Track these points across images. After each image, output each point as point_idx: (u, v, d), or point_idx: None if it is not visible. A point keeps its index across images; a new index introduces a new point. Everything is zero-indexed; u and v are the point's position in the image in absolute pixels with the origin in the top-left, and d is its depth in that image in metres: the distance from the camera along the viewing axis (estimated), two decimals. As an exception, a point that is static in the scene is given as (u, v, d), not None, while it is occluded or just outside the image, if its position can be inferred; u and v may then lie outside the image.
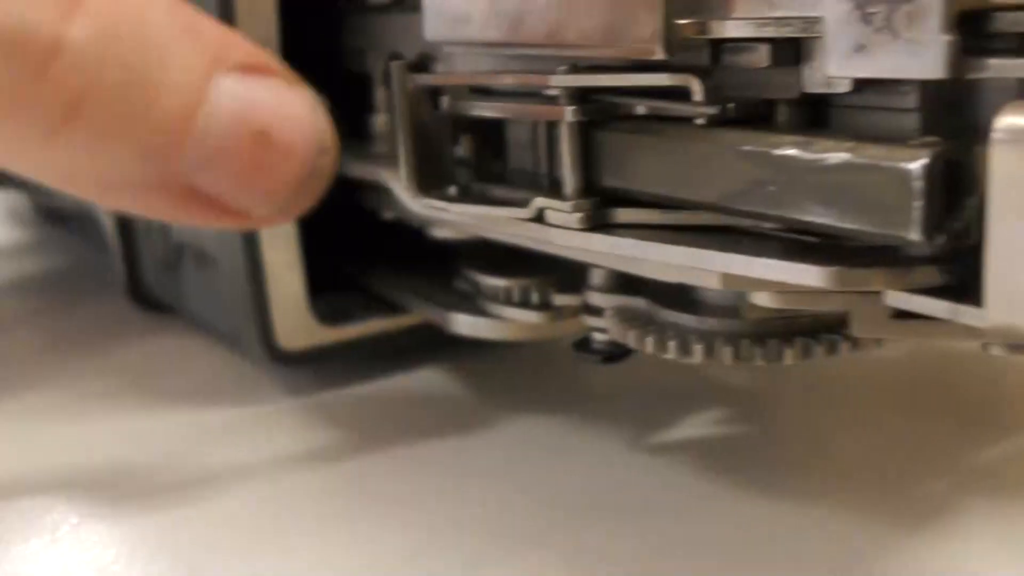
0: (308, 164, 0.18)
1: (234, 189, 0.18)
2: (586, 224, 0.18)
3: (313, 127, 0.18)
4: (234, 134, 0.17)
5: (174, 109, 0.17)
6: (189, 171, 0.18)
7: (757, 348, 0.19)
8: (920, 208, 0.13)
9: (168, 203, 0.18)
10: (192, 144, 0.17)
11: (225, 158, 0.17)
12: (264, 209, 0.18)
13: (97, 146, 0.17)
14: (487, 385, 0.29)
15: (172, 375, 0.31)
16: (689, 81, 0.16)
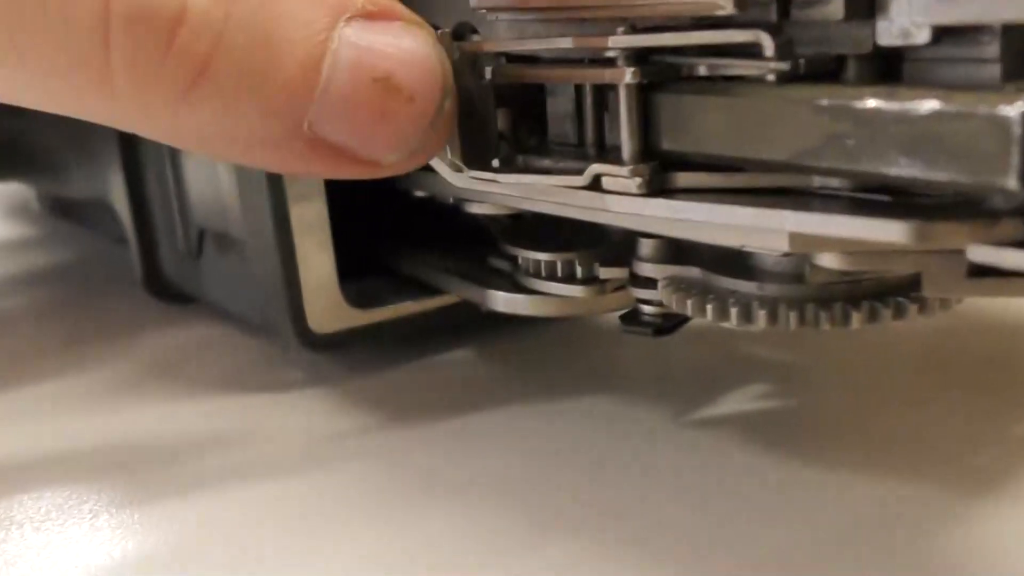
0: (434, 107, 0.18)
1: (362, 138, 0.18)
2: (646, 189, 0.18)
3: (436, 69, 0.18)
4: (358, 83, 0.17)
5: (297, 65, 0.17)
6: (316, 124, 0.17)
7: (822, 312, 0.18)
8: (1019, 155, 0.13)
9: (297, 156, 0.18)
10: (317, 97, 0.17)
11: (350, 108, 0.17)
12: (393, 156, 0.18)
13: (224, 108, 0.17)
14: (523, 365, 0.28)
15: (196, 364, 0.30)
16: (760, 37, 0.16)
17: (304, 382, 0.28)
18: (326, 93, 0.17)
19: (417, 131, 0.18)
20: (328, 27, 0.17)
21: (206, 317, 0.33)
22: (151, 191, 0.32)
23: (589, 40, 0.18)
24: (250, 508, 0.22)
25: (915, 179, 0.14)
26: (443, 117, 0.18)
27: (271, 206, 0.26)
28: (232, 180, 0.27)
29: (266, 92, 0.17)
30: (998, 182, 0.13)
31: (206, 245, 0.31)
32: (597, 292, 0.23)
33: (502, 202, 0.23)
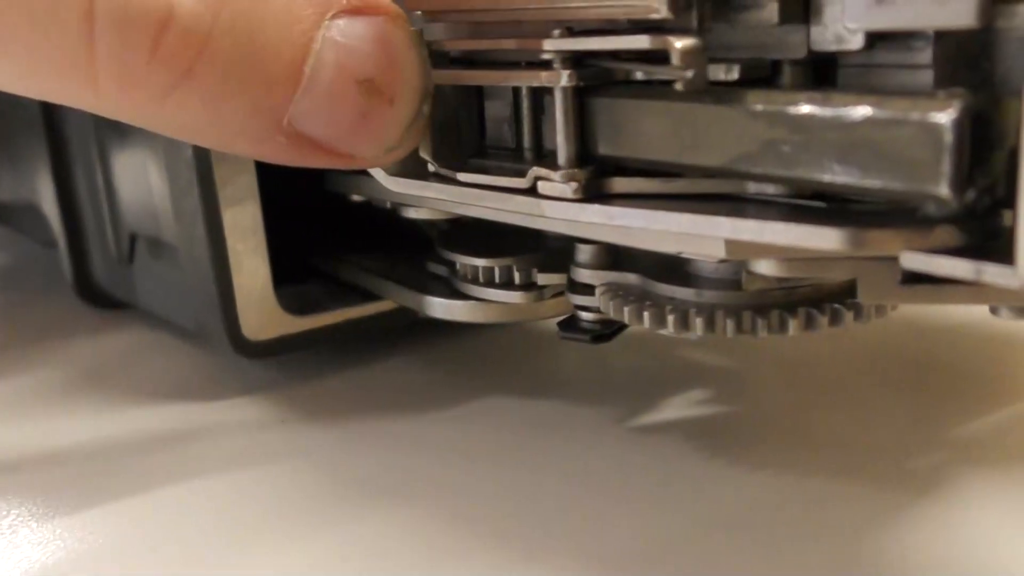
0: (412, 110, 0.18)
1: (341, 135, 0.18)
2: (582, 194, 0.18)
3: (417, 72, 0.18)
4: (340, 84, 0.18)
5: (281, 65, 0.17)
6: (296, 120, 0.18)
7: (759, 319, 0.18)
8: (950, 162, 0.13)
9: (277, 148, 0.18)
10: (300, 96, 0.17)
11: (332, 107, 0.18)
12: (370, 152, 0.19)
13: (207, 105, 0.17)
14: (462, 371, 0.28)
15: (128, 372, 0.29)
16: (667, 44, 0.16)
17: (238, 389, 0.27)
18: (308, 92, 0.18)
19: (396, 131, 0.18)
20: (313, 26, 0.17)
21: (139, 323, 0.32)
22: (81, 195, 0.31)
23: (525, 42, 0.18)
24: (180, 519, 0.21)
25: (849, 186, 0.14)
26: (422, 118, 0.19)
27: (203, 210, 0.25)
28: (164, 184, 0.26)
29: (249, 91, 0.18)
30: (930, 189, 0.13)
31: (138, 250, 0.30)
32: (535, 298, 0.22)
33: (437, 207, 0.22)
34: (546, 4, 0.17)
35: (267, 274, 0.26)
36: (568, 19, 0.17)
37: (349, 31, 0.18)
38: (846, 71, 0.16)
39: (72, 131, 0.31)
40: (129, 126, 0.27)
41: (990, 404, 0.24)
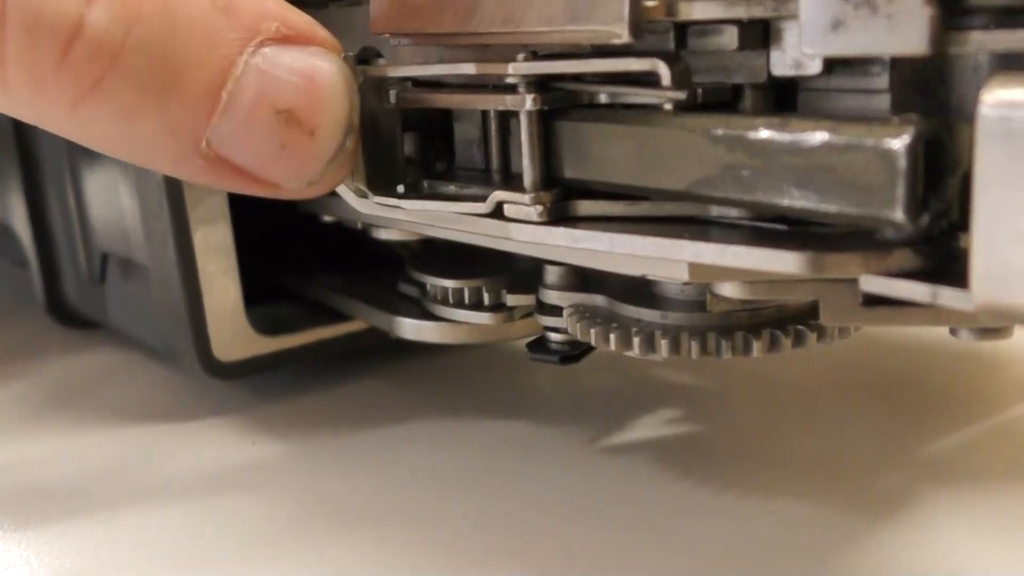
0: (335, 143, 0.18)
1: (261, 163, 0.18)
2: (547, 217, 0.18)
3: (341, 106, 0.18)
4: (259, 112, 0.17)
5: (197, 87, 0.17)
6: (215, 144, 0.18)
7: (724, 341, 0.18)
8: (904, 187, 0.13)
9: (197, 170, 0.18)
10: (217, 121, 0.17)
11: (249, 135, 0.18)
12: (292, 183, 0.18)
13: (120, 119, 0.17)
14: (434, 391, 0.28)
15: (98, 392, 0.29)
16: (656, 65, 0.16)
17: (209, 410, 0.27)
18: (225, 117, 0.17)
19: (316, 164, 0.18)
20: (235, 51, 0.17)
21: (110, 343, 0.32)
22: (53, 214, 0.31)
23: (490, 67, 0.18)
24: (149, 541, 0.21)
25: (808, 210, 0.15)
26: (344, 153, 0.18)
27: (174, 230, 0.25)
28: (135, 204, 0.26)
29: (163, 110, 0.17)
30: (886, 214, 0.13)
31: (110, 270, 0.30)
32: (505, 319, 0.23)
33: (408, 228, 0.22)
34: (510, 29, 0.17)
35: (238, 294, 0.26)
36: (532, 44, 0.18)
37: (274, 59, 0.18)
38: (806, 94, 0.16)
39: (44, 150, 0.31)
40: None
41: (957, 422, 0.24)
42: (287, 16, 0.18)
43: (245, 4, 0.18)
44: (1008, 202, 0.12)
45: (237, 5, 0.18)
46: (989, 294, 0.13)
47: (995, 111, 0.12)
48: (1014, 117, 0.12)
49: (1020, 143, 0.12)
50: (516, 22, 0.17)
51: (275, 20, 0.18)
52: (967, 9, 0.13)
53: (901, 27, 0.13)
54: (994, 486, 0.21)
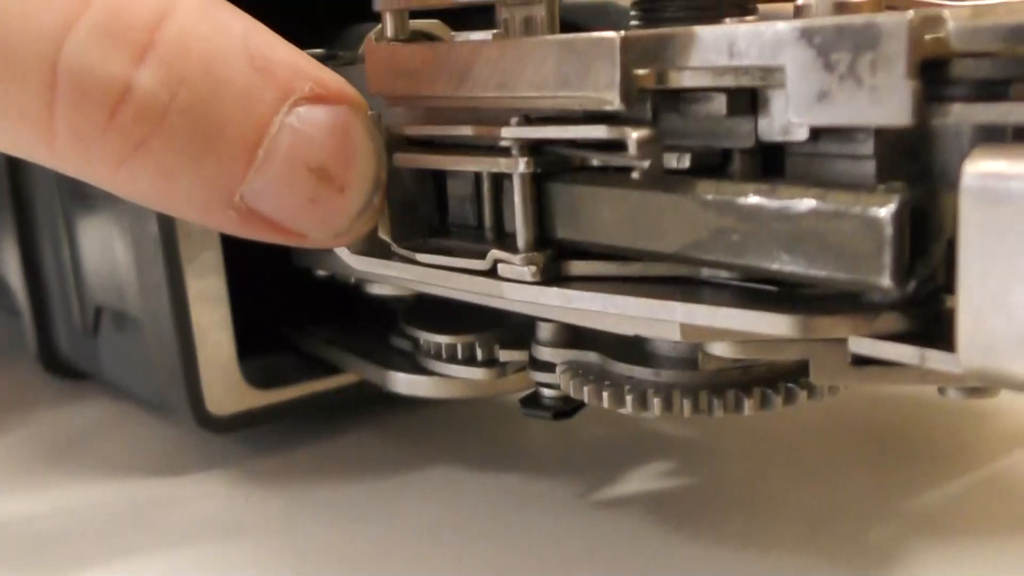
0: (362, 200, 0.19)
1: (291, 216, 0.19)
2: (540, 277, 0.18)
3: (370, 164, 0.19)
4: (292, 169, 0.18)
5: (235, 144, 0.18)
6: (247, 197, 0.18)
7: (715, 399, 0.18)
8: (891, 254, 0.13)
9: (228, 221, 0.19)
10: (252, 176, 0.18)
11: (282, 190, 0.18)
12: (320, 235, 0.19)
13: (162, 176, 0.18)
14: (428, 443, 0.28)
15: (91, 445, 0.29)
16: (625, 134, 0.16)
17: (202, 464, 0.27)
18: (260, 173, 0.18)
19: (345, 218, 0.19)
20: (272, 111, 0.18)
21: (103, 395, 0.32)
22: (47, 266, 0.31)
23: (484, 129, 0.18)
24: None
25: (796, 274, 0.15)
26: (372, 207, 0.19)
27: (168, 284, 0.25)
28: (129, 257, 0.26)
29: (201, 167, 0.18)
30: (873, 280, 0.14)
31: (103, 322, 0.30)
32: (497, 374, 0.23)
33: (400, 284, 0.23)
34: (504, 93, 0.18)
35: (232, 348, 0.26)
36: (525, 108, 0.18)
37: (308, 118, 0.18)
38: (793, 159, 0.16)
39: (38, 202, 0.31)
40: (95, 199, 0.28)
41: (946, 474, 0.25)
42: (320, 76, 0.19)
43: (281, 64, 0.18)
44: (992, 270, 0.13)
45: (273, 65, 0.18)
46: (975, 359, 0.13)
47: (977, 182, 0.13)
48: (996, 188, 0.12)
49: (1002, 214, 0.12)
50: (509, 88, 0.18)
51: (309, 80, 0.18)
52: (949, 80, 0.14)
53: (884, 99, 0.13)
54: (983, 539, 0.22)
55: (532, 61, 0.17)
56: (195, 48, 0.18)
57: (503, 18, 0.19)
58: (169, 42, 0.18)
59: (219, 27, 0.18)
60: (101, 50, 0.17)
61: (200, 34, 0.18)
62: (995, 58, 0.13)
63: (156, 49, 0.17)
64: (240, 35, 0.18)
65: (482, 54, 0.18)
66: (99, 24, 0.17)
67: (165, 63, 0.17)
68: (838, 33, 0.14)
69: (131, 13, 0.18)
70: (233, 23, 0.18)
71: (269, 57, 0.18)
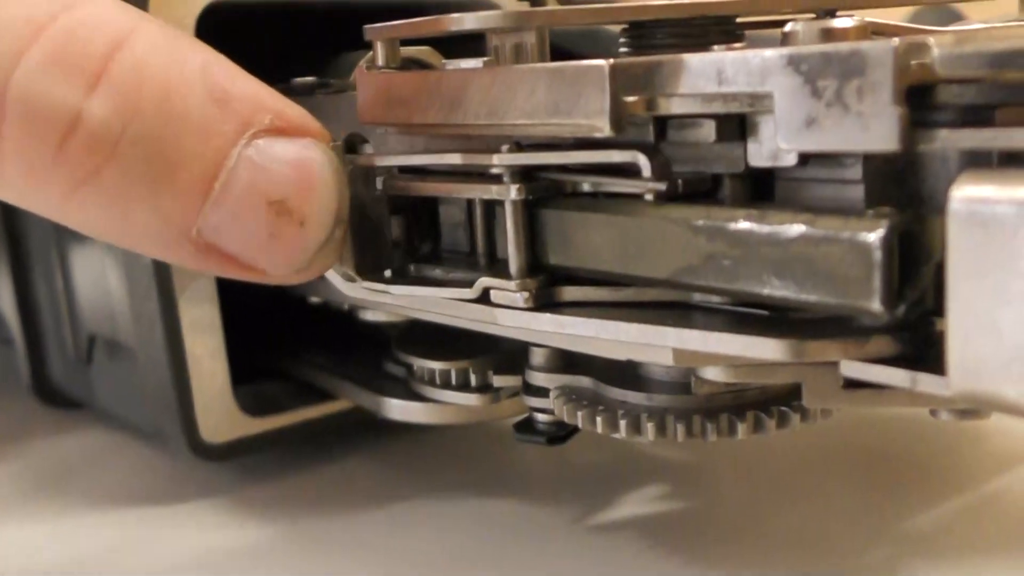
0: (324, 234, 0.18)
1: (250, 251, 0.18)
2: (533, 303, 0.18)
3: (332, 197, 0.18)
4: (251, 203, 0.18)
5: (190, 178, 0.17)
6: (204, 232, 0.18)
7: (709, 423, 0.18)
8: (880, 278, 0.14)
9: (185, 255, 0.18)
10: (208, 210, 0.18)
11: (240, 224, 0.18)
12: (280, 270, 0.19)
13: (115, 207, 0.18)
14: (422, 469, 0.28)
15: (84, 474, 0.29)
16: (636, 157, 0.16)
17: (196, 492, 0.27)
18: (217, 207, 0.18)
19: (305, 254, 0.19)
20: (230, 143, 0.18)
21: (96, 424, 0.32)
22: (40, 295, 0.31)
23: (475, 157, 0.18)
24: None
25: (787, 299, 0.15)
26: (333, 242, 0.19)
27: (161, 312, 0.25)
28: (122, 286, 0.26)
29: (156, 199, 0.18)
30: (863, 304, 0.14)
31: (96, 351, 0.30)
32: (491, 400, 0.23)
33: (394, 311, 0.23)
34: (494, 121, 0.18)
35: (226, 376, 0.26)
36: (516, 135, 0.18)
37: (267, 151, 0.18)
38: (783, 184, 0.17)
39: (31, 230, 0.31)
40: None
41: (939, 496, 0.25)
42: (281, 108, 0.18)
43: (240, 96, 0.18)
44: (980, 294, 0.13)
45: (233, 97, 0.18)
46: (965, 382, 0.13)
47: (964, 206, 0.13)
48: (982, 212, 0.13)
49: (990, 238, 0.12)
50: (500, 115, 0.18)
51: (269, 112, 0.18)
52: (935, 106, 0.14)
53: (871, 125, 0.14)
54: (977, 560, 0.22)
55: (522, 88, 0.17)
56: (150, 78, 0.17)
57: (493, 45, 0.19)
58: (123, 71, 0.17)
59: (177, 57, 0.18)
60: (52, 78, 0.17)
61: (156, 64, 0.18)
62: (980, 84, 0.14)
63: (109, 78, 0.17)
64: (198, 66, 0.18)
65: (472, 82, 0.18)
66: (51, 52, 0.17)
67: (118, 92, 0.17)
68: (824, 60, 0.14)
69: (85, 41, 0.17)
70: (192, 54, 0.18)
71: (228, 89, 0.18)
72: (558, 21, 0.20)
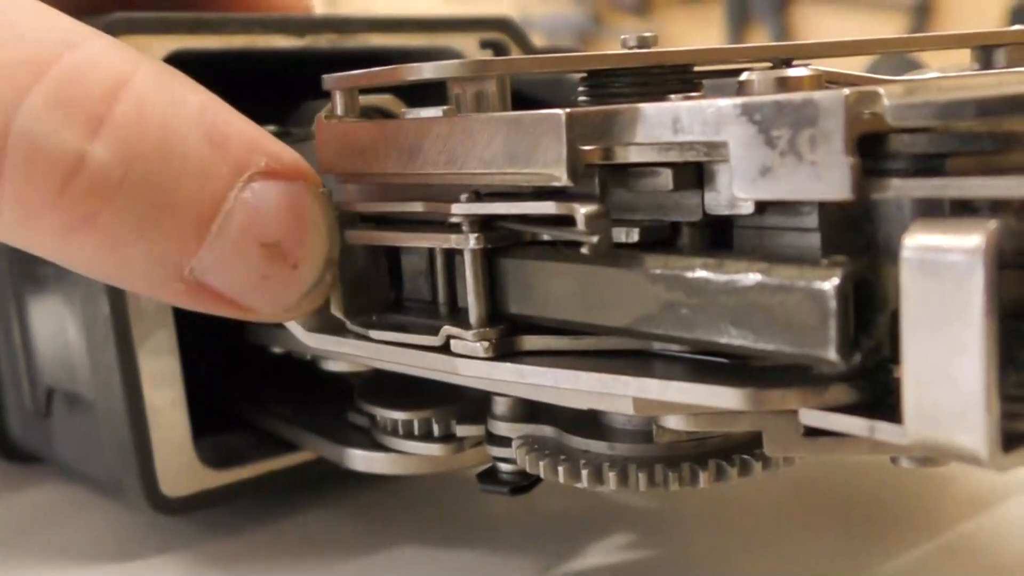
0: (314, 277, 0.19)
1: (242, 291, 0.18)
2: (492, 353, 0.18)
3: (322, 241, 0.19)
4: (245, 244, 0.18)
5: (187, 220, 0.18)
6: (198, 271, 0.18)
7: (671, 472, 0.18)
8: (835, 327, 0.14)
9: (177, 293, 0.18)
10: (204, 251, 0.18)
11: (234, 265, 0.18)
12: (269, 309, 0.19)
13: (112, 248, 0.18)
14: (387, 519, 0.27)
15: (42, 529, 0.28)
16: (573, 210, 0.16)
17: (156, 547, 0.27)
18: (212, 248, 0.18)
19: (296, 295, 0.19)
20: (227, 186, 0.18)
21: (55, 478, 0.31)
22: (-3, 346, 0.31)
23: (434, 206, 0.18)
24: None
25: (745, 347, 0.15)
26: (324, 284, 0.19)
27: (119, 361, 0.25)
28: (80, 336, 0.26)
29: (152, 241, 0.18)
30: (819, 353, 0.14)
31: (55, 404, 0.29)
32: (455, 450, 0.22)
33: (355, 360, 0.22)
34: (453, 169, 0.18)
35: (186, 427, 0.26)
36: (475, 184, 0.18)
37: (262, 194, 0.18)
38: (741, 231, 0.17)
39: (-11, 282, 0.30)
40: (46, 279, 0.28)
41: (907, 540, 0.24)
42: (275, 151, 0.19)
43: (237, 138, 0.18)
44: (934, 342, 0.13)
45: (230, 139, 0.18)
46: (921, 431, 0.13)
47: (917, 255, 0.13)
48: (935, 261, 0.13)
49: (942, 287, 0.12)
50: (459, 164, 0.18)
51: (264, 155, 0.18)
52: (888, 155, 0.14)
53: (824, 174, 0.14)
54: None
55: (480, 138, 0.17)
56: (151, 121, 0.18)
57: (455, 93, 0.19)
58: (124, 114, 0.17)
59: (175, 100, 0.18)
60: (54, 120, 0.17)
61: (156, 107, 0.18)
62: (931, 133, 0.14)
63: (111, 122, 0.17)
64: (196, 109, 0.18)
65: (431, 131, 0.18)
66: (53, 94, 0.17)
67: (120, 137, 0.17)
68: (778, 110, 0.14)
69: (86, 83, 0.17)
70: (189, 96, 0.18)
71: (225, 132, 0.18)
72: (517, 70, 0.20)
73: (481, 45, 0.28)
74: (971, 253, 0.12)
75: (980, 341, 0.12)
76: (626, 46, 0.19)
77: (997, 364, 0.12)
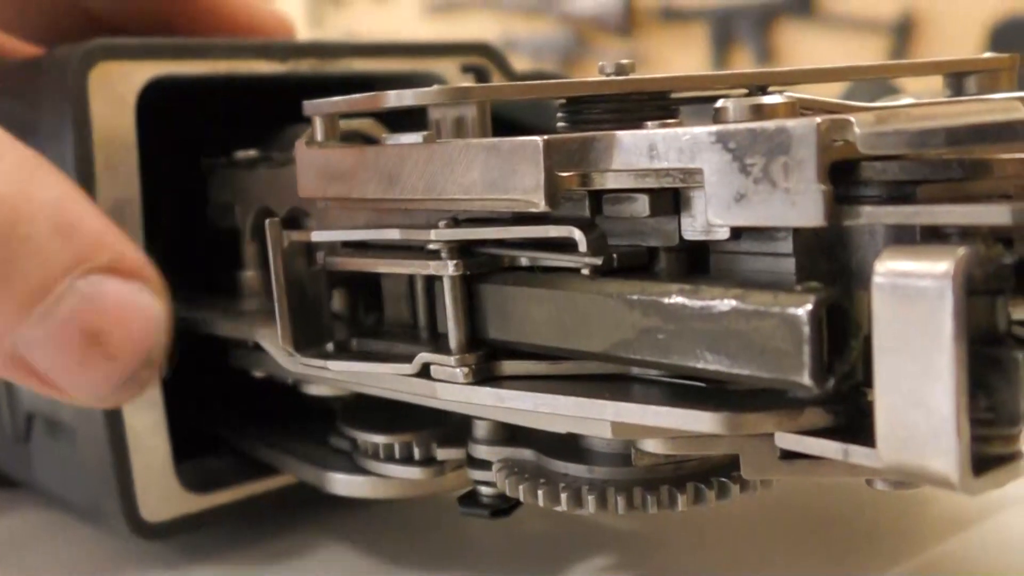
0: (128, 371, 0.19)
1: (58, 373, 0.19)
2: (472, 378, 0.18)
3: (145, 341, 0.19)
4: (68, 329, 0.19)
5: (17, 296, 0.18)
6: (20, 347, 0.19)
7: (649, 496, 0.18)
8: (809, 352, 0.14)
9: None
10: (27, 327, 0.18)
11: (54, 347, 0.19)
12: (83, 395, 0.20)
13: None
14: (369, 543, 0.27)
15: (21, 555, 0.28)
16: (572, 232, 0.16)
17: (137, 572, 0.26)
18: (36, 327, 0.19)
19: (109, 386, 0.19)
20: (63, 272, 0.19)
21: (35, 503, 0.31)
22: (-22, 371, 0.31)
23: (413, 232, 0.18)
24: None
25: (721, 372, 0.15)
26: (138, 381, 0.20)
27: (101, 388, 0.25)
28: (61, 362, 0.26)
29: None
30: (793, 378, 0.14)
31: (35, 429, 0.29)
32: (436, 473, 0.23)
33: (337, 385, 0.22)
34: (432, 196, 0.18)
35: (167, 452, 0.25)
36: (454, 210, 0.18)
37: (98, 286, 0.19)
38: (717, 256, 0.17)
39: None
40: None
41: (887, 561, 0.25)
42: (120, 250, 0.19)
43: (87, 232, 0.19)
44: (905, 367, 0.13)
45: (78, 232, 0.19)
46: (894, 454, 0.13)
47: (888, 280, 0.13)
48: (905, 286, 0.13)
49: (912, 311, 0.13)
50: (437, 190, 0.18)
51: (109, 252, 0.19)
52: (860, 182, 0.14)
53: (798, 201, 0.14)
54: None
55: (459, 164, 0.17)
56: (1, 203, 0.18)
57: (435, 119, 0.19)
58: None
59: (32, 187, 0.19)
60: None
61: (11, 188, 0.19)
62: (901, 161, 0.14)
63: None
64: (52, 199, 0.19)
65: (410, 157, 0.18)
66: None
67: None
68: (752, 138, 0.14)
69: None
70: (48, 188, 0.19)
71: (75, 224, 0.19)
72: (496, 96, 0.20)
73: (462, 70, 0.29)
74: (941, 279, 0.12)
75: (950, 366, 0.12)
76: (603, 73, 0.19)
77: (967, 389, 0.12)
